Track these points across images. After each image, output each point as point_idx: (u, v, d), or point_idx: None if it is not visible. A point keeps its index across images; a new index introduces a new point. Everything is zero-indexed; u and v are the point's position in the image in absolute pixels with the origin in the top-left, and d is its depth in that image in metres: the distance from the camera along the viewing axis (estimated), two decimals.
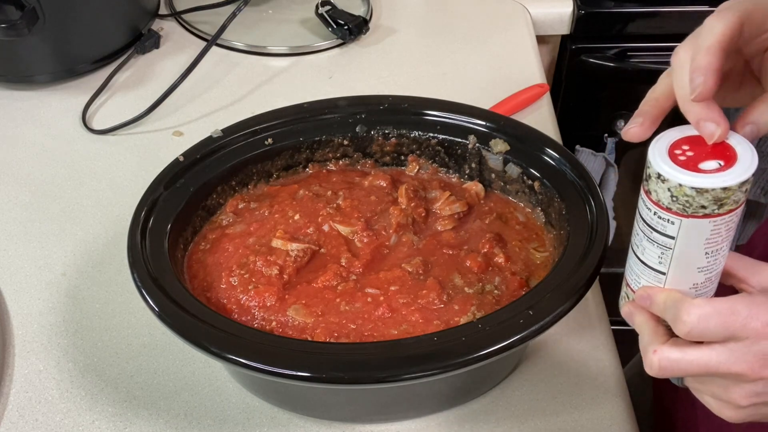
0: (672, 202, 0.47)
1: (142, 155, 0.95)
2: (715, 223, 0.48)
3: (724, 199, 0.46)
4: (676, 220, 0.48)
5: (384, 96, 0.81)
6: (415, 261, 0.70)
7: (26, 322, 0.76)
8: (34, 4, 0.94)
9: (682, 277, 0.51)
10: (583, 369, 0.71)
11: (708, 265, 0.50)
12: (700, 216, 0.47)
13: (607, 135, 1.28)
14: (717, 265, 0.50)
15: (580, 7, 1.18)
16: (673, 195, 0.47)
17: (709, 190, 0.46)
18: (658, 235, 0.50)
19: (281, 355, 0.58)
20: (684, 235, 0.48)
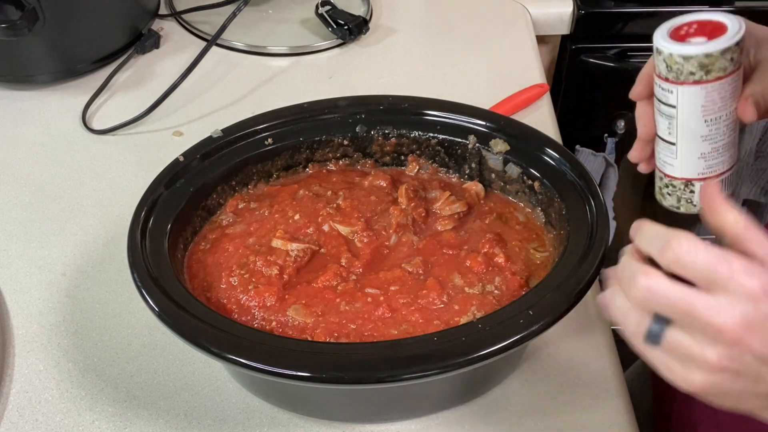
0: (668, 71, 0.54)
1: (142, 155, 0.95)
2: (706, 90, 0.54)
3: (708, 65, 0.53)
4: (673, 88, 0.55)
5: (384, 96, 0.81)
6: (415, 261, 0.70)
7: (26, 322, 0.76)
8: (34, 4, 0.94)
9: (689, 146, 0.57)
10: (583, 369, 0.71)
11: (710, 133, 0.56)
12: (691, 83, 0.54)
13: (607, 135, 1.28)
14: (720, 134, 0.56)
15: (580, 7, 1.18)
16: (667, 65, 0.54)
17: (694, 56, 0.53)
18: (664, 106, 0.56)
19: (281, 355, 0.58)
20: (682, 102, 0.55)
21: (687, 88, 0.54)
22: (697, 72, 0.53)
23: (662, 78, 0.55)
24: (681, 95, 0.55)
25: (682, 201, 0.60)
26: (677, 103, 0.55)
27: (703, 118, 0.55)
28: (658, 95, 0.56)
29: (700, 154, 0.57)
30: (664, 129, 0.57)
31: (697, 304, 0.45)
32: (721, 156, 0.57)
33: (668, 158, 0.58)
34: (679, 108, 0.55)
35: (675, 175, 0.59)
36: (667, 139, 0.58)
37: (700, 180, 0.58)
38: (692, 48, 0.53)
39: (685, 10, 1.26)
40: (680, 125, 0.56)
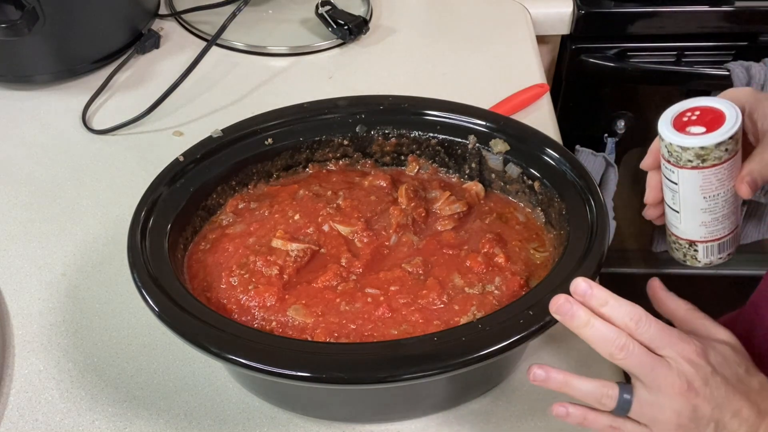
0: (669, 155, 0.61)
1: (142, 155, 0.95)
2: (703, 174, 0.60)
3: (704, 155, 0.59)
4: (675, 170, 0.61)
5: (384, 96, 0.81)
6: (415, 261, 0.70)
7: (26, 322, 0.76)
8: (34, 4, 0.94)
9: (691, 216, 0.63)
10: (583, 369, 0.71)
11: (709, 207, 0.62)
12: (689, 168, 0.60)
13: (607, 135, 1.28)
14: (719, 207, 0.62)
15: (580, 7, 1.18)
16: (668, 151, 0.60)
17: (690, 148, 0.59)
18: (668, 181, 0.62)
19: (281, 355, 0.58)
20: (682, 182, 0.61)
21: (686, 172, 0.60)
22: (694, 160, 0.59)
23: (665, 159, 0.61)
24: (681, 176, 0.61)
25: (687, 257, 0.67)
26: (678, 181, 0.61)
27: (701, 196, 0.61)
28: (664, 171, 0.63)
29: (701, 222, 0.63)
30: (669, 198, 0.64)
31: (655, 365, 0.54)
32: (721, 224, 0.63)
33: (674, 221, 0.65)
34: (680, 185, 0.62)
35: (680, 236, 0.65)
36: (672, 207, 0.64)
37: (702, 242, 0.65)
38: (689, 140, 0.59)
39: (684, 10, 1.26)
40: (682, 199, 0.62)
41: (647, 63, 1.22)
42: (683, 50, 1.21)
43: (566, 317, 0.55)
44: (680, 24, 1.20)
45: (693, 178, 0.60)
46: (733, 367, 0.55)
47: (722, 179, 0.60)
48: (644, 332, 0.54)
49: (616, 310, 0.55)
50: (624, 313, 0.54)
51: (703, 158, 0.59)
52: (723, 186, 0.61)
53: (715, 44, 1.21)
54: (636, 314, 0.54)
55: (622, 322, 0.54)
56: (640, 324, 0.54)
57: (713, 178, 0.60)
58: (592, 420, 0.57)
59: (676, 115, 0.61)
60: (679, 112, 0.61)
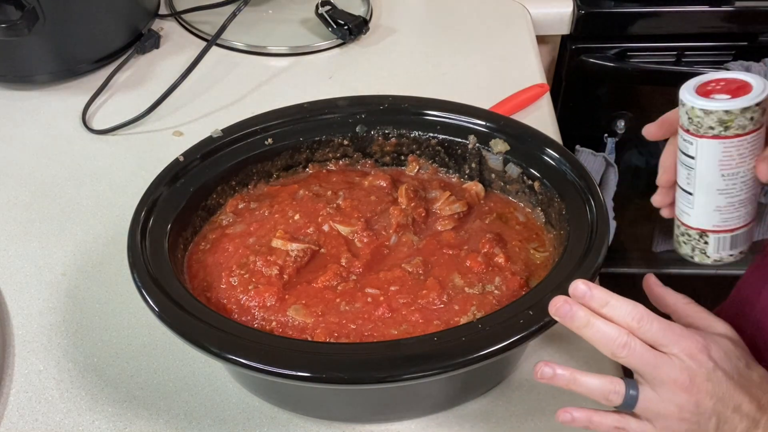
0: (689, 123, 0.56)
1: (142, 155, 0.95)
2: (724, 145, 0.56)
3: (727, 122, 0.55)
4: (693, 140, 0.57)
5: (384, 96, 0.81)
6: (415, 261, 0.70)
7: (26, 322, 0.76)
8: (34, 4, 0.94)
9: (705, 198, 0.59)
10: (584, 368, 0.71)
11: (726, 187, 0.58)
12: (710, 136, 0.56)
13: (607, 135, 1.28)
14: (737, 190, 0.58)
15: (580, 7, 1.18)
16: (689, 117, 0.56)
17: (714, 112, 0.55)
18: (684, 156, 0.58)
19: (281, 355, 0.58)
20: (700, 155, 0.57)
21: (706, 142, 0.56)
22: (717, 127, 0.55)
23: (684, 129, 0.57)
24: (700, 148, 0.57)
25: (696, 251, 0.62)
26: (696, 154, 0.57)
27: (720, 172, 0.57)
28: (680, 145, 0.59)
29: (716, 206, 0.59)
30: (683, 178, 0.59)
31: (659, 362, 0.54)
32: (737, 211, 0.59)
33: (686, 207, 0.60)
34: (697, 160, 0.57)
35: (691, 225, 0.61)
36: (685, 189, 0.60)
37: (714, 232, 0.60)
38: (713, 103, 0.55)
39: (685, 10, 1.26)
40: (698, 176, 0.58)
41: (647, 63, 1.22)
42: (683, 50, 1.21)
43: (566, 318, 0.56)
44: (680, 24, 1.20)
45: (713, 149, 0.56)
46: (734, 361, 0.55)
47: (743, 154, 0.57)
48: (646, 330, 0.54)
49: (617, 309, 0.55)
50: (625, 312, 0.55)
51: (727, 125, 0.55)
52: (744, 163, 0.57)
53: (715, 44, 1.21)
54: (637, 313, 0.54)
55: (624, 321, 0.54)
56: (642, 322, 0.54)
57: (734, 152, 0.56)
58: (597, 422, 0.57)
59: (699, 84, 0.58)
60: (703, 81, 0.58)
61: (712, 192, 0.58)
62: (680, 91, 0.58)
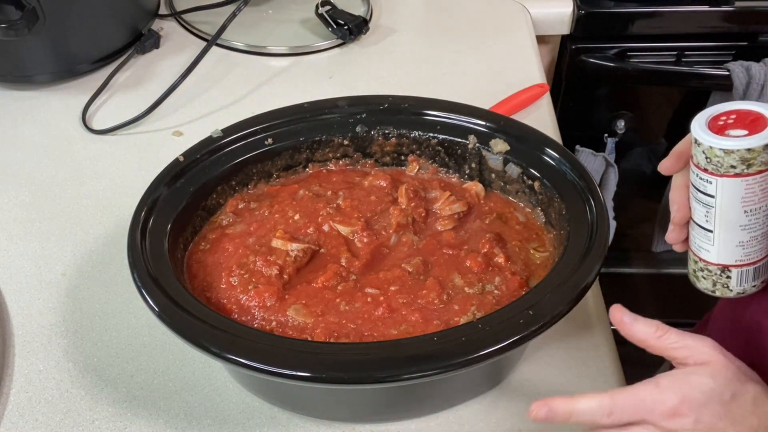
0: (707, 163, 0.54)
1: (142, 155, 0.95)
2: (747, 183, 0.54)
3: (750, 159, 0.53)
4: (713, 180, 0.54)
5: (384, 96, 0.81)
6: (415, 261, 0.70)
7: (26, 322, 0.76)
8: (34, 4, 0.94)
9: (727, 235, 0.56)
10: (583, 369, 0.71)
11: (749, 223, 0.56)
12: (731, 175, 0.54)
13: (607, 135, 1.28)
14: (760, 224, 0.56)
15: (580, 7, 1.18)
16: (707, 157, 0.54)
17: (735, 151, 0.53)
18: (702, 194, 0.56)
19: (281, 355, 0.58)
20: (721, 194, 0.55)
21: (727, 181, 0.54)
22: (738, 166, 0.53)
23: (701, 168, 0.55)
24: (721, 187, 0.54)
25: (717, 285, 0.59)
26: (716, 193, 0.55)
27: (742, 209, 0.55)
28: (696, 183, 0.56)
29: (738, 242, 0.57)
30: (701, 216, 0.57)
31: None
32: (760, 243, 0.57)
33: (704, 244, 0.58)
34: (718, 198, 0.55)
35: (711, 261, 0.58)
36: (704, 226, 0.57)
37: (737, 267, 0.58)
38: (734, 142, 0.53)
39: (685, 10, 1.26)
40: (719, 215, 0.56)
41: (647, 63, 1.22)
42: (683, 50, 1.21)
43: None
44: (680, 24, 1.20)
45: (735, 187, 0.54)
46: (716, 400, 0.53)
47: (766, 189, 0.54)
48: (619, 419, 0.53)
49: (583, 415, 0.54)
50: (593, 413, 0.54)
51: (749, 163, 0.53)
52: (767, 197, 0.55)
53: (715, 44, 1.21)
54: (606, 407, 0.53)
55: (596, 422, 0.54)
56: (613, 415, 0.53)
57: (757, 188, 0.54)
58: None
59: (710, 119, 0.55)
60: (713, 115, 0.55)
61: (734, 229, 0.56)
62: (692, 129, 0.55)
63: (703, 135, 0.54)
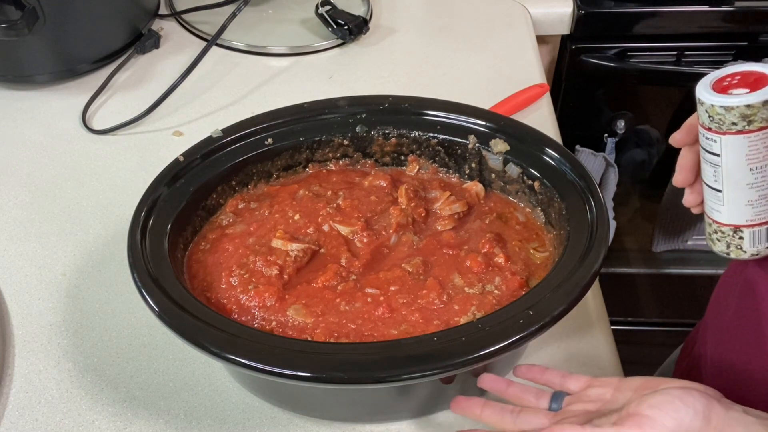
0: (710, 122, 0.55)
1: (142, 155, 0.95)
2: (750, 139, 0.54)
3: (750, 116, 0.53)
4: (717, 138, 0.55)
5: (384, 96, 0.81)
6: (415, 261, 0.70)
7: (26, 322, 0.76)
8: (34, 4, 0.94)
9: (736, 194, 0.57)
10: (583, 369, 0.71)
11: (756, 181, 0.56)
12: (734, 132, 0.54)
13: (607, 135, 1.28)
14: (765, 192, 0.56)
15: (580, 7, 1.18)
16: (710, 115, 0.55)
17: (735, 108, 0.53)
18: (708, 154, 0.56)
19: (281, 355, 0.58)
20: (726, 151, 0.55)
21: (730, 138, 0.55)
22: (740, 122, 0.54)
23: (705, 128, 0.56)
24: (724, 145, 0.55)
25: (731, 247, 0.59)
26: (721, 152, 0.56)
27: (748, 167, 0.55)
28: (703, 144, 0.57)
29: (747, 201, 0.57)
30: (710, 176, 0.57)
31: None
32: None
33: (716, 205, 0.58)
34: (723, 157, 0.56)
35: (723, 222, 0.59)
36: (713, 186, 0.58)
37: (749, 226, 0.58)
38: (733, 99, 0.53)
39: (685, 10, 1.26)
40: (725, 173, 0.56)
41: (647, 63, 1.22)
42: (683, 50, 1.21)
43: None
44: (680, 24, 1.20)
45: (738, 144, 0.54)
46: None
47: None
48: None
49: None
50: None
51: (750, 119, 0.53)
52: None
53: (715, 44, 1.21)
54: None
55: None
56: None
57: (761, 145, 0.54)
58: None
59: (715, 80, 0.56)
60: (718, 77, 0.56)
61: (742, 187, 0.56)
62: (697, 90, 0.56)
63: (705, 94, 0.55)
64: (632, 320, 1.54)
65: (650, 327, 1.54)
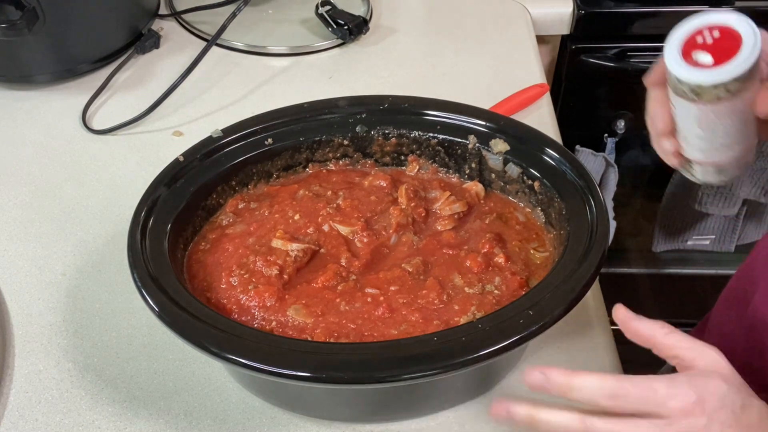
0: (669, 80, 0.56)
1: (142, 155, 0.95)
2: (699, 108, 0.55)
3: (699, 92, 0.53)
4: (672, 96, 0.57)
5: (384, 96, 0.81)
6: (415, 261, 0.70)
7: (26, 322, 0.76)
8: (34, 4, 0.94)
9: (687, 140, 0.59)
10: (583, 369, 0.71)
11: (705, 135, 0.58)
12: (685, 98, 0.55)
13: (607, 135, 1.28)
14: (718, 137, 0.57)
15: (580, 7, 1.18)
16: (669, 75, 0.55)
17: (684, 82, 0.54)
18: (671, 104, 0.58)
19: (281, 355, 0.58)
20: (678, 109, 0.57)
21: (680, 100, 0.56)
22: (689, 94, 0.54)
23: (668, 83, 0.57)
24: (676, 103, 0.57)
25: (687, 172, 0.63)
26: (675, 105, 0.57)
27: (697, 126, 0.57)
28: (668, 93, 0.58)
29: (697, 147, 0.59)
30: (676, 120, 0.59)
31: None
32: (717, 150, 0.59)
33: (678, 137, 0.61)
34: (677, 110, 0.58)
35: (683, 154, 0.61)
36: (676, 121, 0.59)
37: (699, 164, 0.61)
38: (685, 73, 0.53)
39: (684, 10, 1.26)
40: (679, 121, 0.59)
41: (647, 63, 1.22)
42: None
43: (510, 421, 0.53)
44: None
45: (687, 108, 0.55)
46: (730, 407, 0.51)
47: (721, 115, 0.55)
48: (622, 405, 0.50)
49: (583, 391, 0.51)
50: (593, 391, 0.51)
51: (698, 94, 0.53)
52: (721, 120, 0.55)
53: None
54: (608, 389, 0.50)
55: (596, 401, 0.51)
56: (618, 398, 0.50)
57: (711, 114, 0.55)
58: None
59: (691, 33, 0.54)
60: (697, 29, 0.54)
61: (692, 137, 0.59)
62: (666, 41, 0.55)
63: (667, 53, 0.54)
64: None
65: None
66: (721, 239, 1.36)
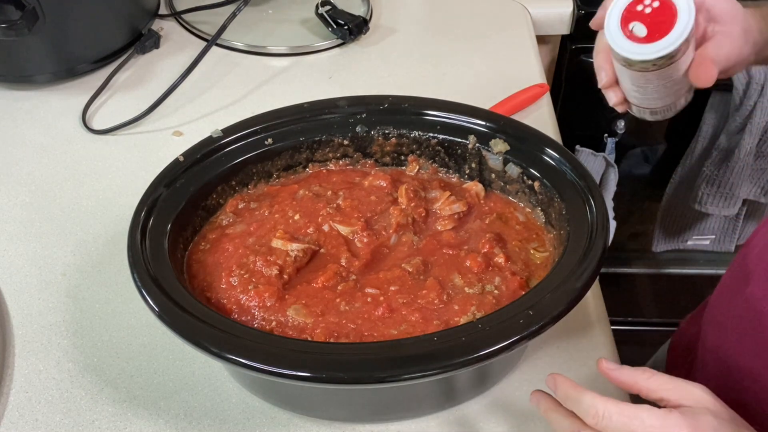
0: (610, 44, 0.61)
1: (142, 155, 0.95)
2: (630, 72, 0.61)
3: (630, 62, 0.58)
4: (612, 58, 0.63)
5: (384, 96, 0.81)
6: (415, 261, 0.70)
7: (26, 322, 0.76)
8: (34, 4, 0.94)
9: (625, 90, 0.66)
10: (583, 369, 0.71)
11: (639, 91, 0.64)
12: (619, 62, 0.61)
13: (607, 135, 1.28)
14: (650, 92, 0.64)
15: (580, 7, 1.18)
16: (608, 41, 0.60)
17: (617, 52, 0.58)
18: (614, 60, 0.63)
19: (281, 355, 0.58)
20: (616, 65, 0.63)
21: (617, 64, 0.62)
22: (621, 61, 0.60)
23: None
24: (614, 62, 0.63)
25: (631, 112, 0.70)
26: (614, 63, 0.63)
27: (632, 84, 0.63)
28: None
29: (634, 97, 0.66)
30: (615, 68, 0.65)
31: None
32: (652, 100, 0.65)
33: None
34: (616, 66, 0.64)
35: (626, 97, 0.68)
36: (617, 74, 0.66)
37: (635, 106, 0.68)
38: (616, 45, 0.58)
39: None
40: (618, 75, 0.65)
41: None
42: None
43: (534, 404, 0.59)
44: None
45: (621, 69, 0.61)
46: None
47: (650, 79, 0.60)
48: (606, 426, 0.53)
49: (576, 405, 0.55)
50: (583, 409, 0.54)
51: (629, 63, 0.59)
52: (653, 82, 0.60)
53: None
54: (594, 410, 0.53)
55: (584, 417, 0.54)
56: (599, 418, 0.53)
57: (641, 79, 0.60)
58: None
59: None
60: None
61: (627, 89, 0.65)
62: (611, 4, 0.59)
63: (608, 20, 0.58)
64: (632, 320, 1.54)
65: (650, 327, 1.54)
66: (721, 239, 1.36)
